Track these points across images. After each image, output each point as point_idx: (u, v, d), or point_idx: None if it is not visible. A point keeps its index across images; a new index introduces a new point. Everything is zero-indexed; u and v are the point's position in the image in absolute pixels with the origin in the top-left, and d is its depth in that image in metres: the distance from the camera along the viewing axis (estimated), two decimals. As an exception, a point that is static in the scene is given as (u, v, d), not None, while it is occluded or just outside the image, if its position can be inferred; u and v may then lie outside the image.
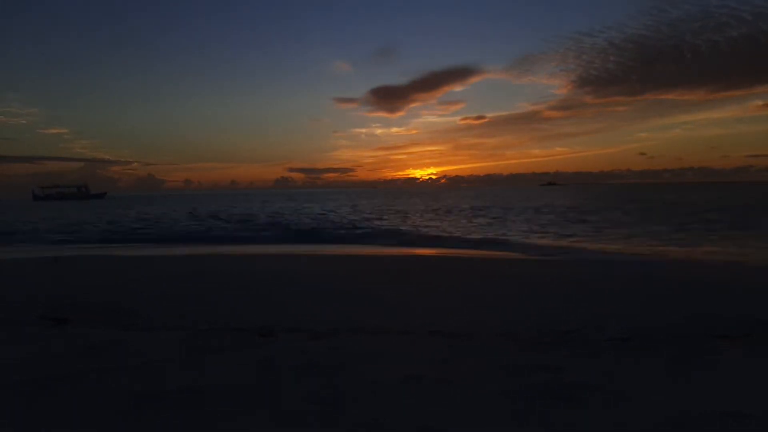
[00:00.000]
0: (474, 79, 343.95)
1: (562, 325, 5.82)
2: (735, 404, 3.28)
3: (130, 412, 3.22)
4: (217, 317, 6.45)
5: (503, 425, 3.02)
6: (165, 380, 3.81)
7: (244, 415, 3.17)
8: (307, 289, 8.77)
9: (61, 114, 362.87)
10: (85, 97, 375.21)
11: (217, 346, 4.83)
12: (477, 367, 4.16)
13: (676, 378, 3.87)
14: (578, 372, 3.98)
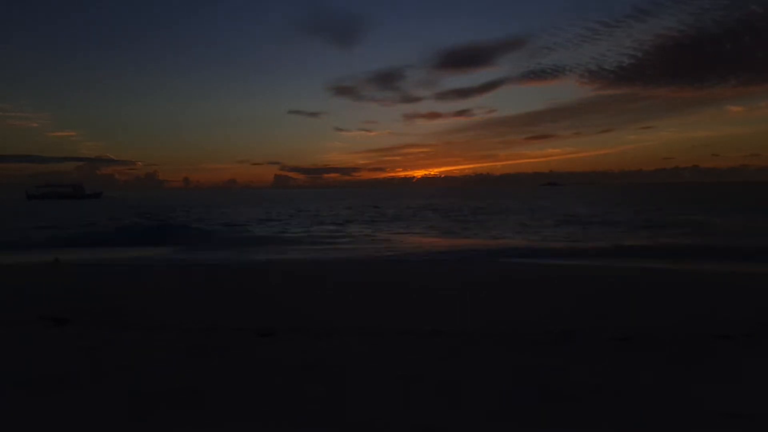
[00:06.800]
0: (478, 71, 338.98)
1: (563, 325, 5.82)
2: (735, 404, 3.28)
3: (130, 412, 3.22)
4: (217, 317, 6.45)
5: (505, 425, 3.02)
6: (165, 380, 3.81)
7: (243, 415, 3.17)
8: (307, 290, 8.77)
9: (70, 117, 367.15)
10: (92, 101, 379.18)
11: (217, 346, 4.83)
12: (477, 367, 4.16)
13: (677, 378, 3.87)
14: (579, 372, 3.98)
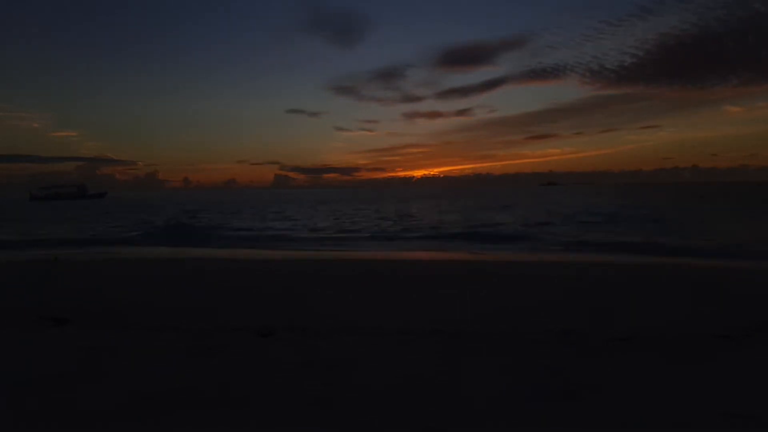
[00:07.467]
0: (479, 70, 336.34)
1: (563, 325, 5.82)
2: (735, 404, 3.29)
3: (130, 412, 3.22)
4: (217, 317, 6.45)
5: (504, 425, 3.02)
6: (165, 380, 3.81)
7: (243, 415, 3.17)
8: (307, 290, 8.76)
9: (71, 117, 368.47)
10: (93, 101, 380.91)
11: (217, 346, 4.83)
12: (478, 366, 4.16)
13: (677, 378, 3.87)
14: (579, 371, 3.98)
